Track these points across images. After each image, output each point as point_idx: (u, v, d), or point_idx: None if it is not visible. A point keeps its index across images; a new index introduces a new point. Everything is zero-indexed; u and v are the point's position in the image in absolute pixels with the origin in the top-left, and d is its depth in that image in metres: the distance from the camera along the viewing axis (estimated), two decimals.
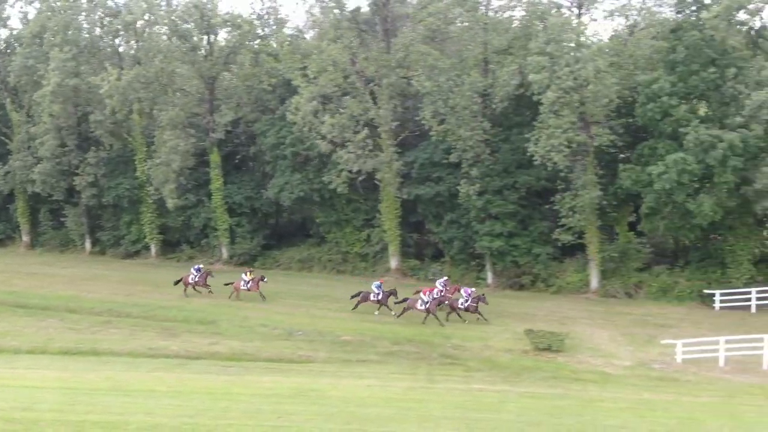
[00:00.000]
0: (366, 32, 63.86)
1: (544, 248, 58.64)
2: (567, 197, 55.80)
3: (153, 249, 74.81)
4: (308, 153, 64.76)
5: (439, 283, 52.12)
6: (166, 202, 69.56)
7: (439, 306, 50.31)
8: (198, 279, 57.31)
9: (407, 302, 50.72)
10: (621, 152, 57.19)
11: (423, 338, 46.94)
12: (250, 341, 46.83)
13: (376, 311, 52.18)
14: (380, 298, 51.97)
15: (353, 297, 53.09)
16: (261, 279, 56.15)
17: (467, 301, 49.89)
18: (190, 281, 57.52)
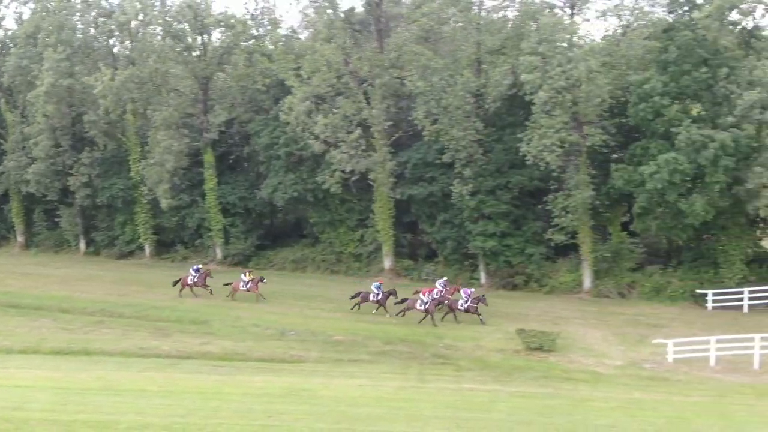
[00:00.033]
0: (360, 32, 63.92)
1: (537, 248, 58.60)
2: (560, 197, 55.81)
3: (147, 249, 74.86)
4: (302, 153, 64.70)
5: (439, 284, 52.17)
6: (160, 203, 69.58)
7: (439, 306, 50.39)
8: (197, 280, 57.19)
9: (407, 303, 50.72)
10: (614, 152, 57.04)
11: (415, 338, 46.96)
12: (242, 341, 46.83)
13: (374, 310, 52.19)
14: (380, 299, 51.99)
15: (353, 297, 53.07)
16: (260, 280, 56.07)
17: (467, 302, 49.74)
18: (189, 282, 57.42)
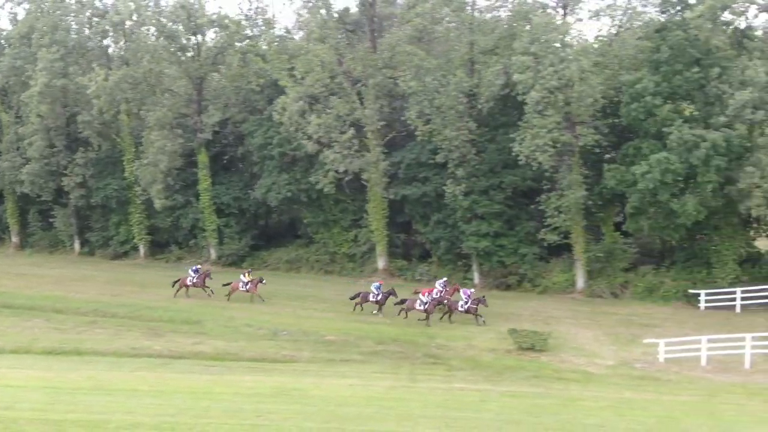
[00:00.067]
0: (354, 32, 63.95)
1: (531, 248, 58.63)
2: (552, 197, 55.82)
3: (142, 250, 74.84)
4: (295, 153, 64.69)
5: (439, 284, 52.07)
6: (154, 203, 69.68)
7: (439, 306, 50.34)
8: (196, 280, 56.97)
9: (406, 303, 50.59)
10: (607, 152, 57.04)
11: (407, 338, 46.91)
12: (235, 341, 46.74)
13: (374, 311, 52.17)
14: (379, 299, 51.92)
15: (352, 298, 52.91)
16: (260, 281, 55.94)
17: (467, 303, 49.53)
18: (188, 283, 57.19)
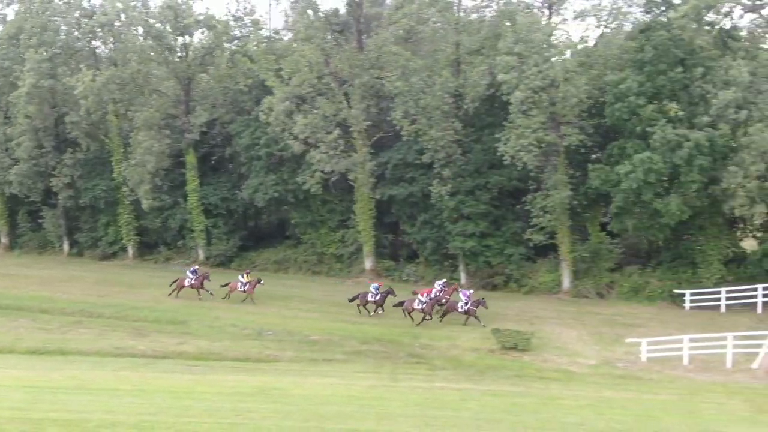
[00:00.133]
0: (341, 33, 63.92)
1: (517, 248, 58.60)
2: (538, 197, 55.87)
3: (130, 250, 74.66)
4: (282, 154, 64.68)
5: (438, 284, 52.14)
6: (142, 204, 69.57)
7: (439, 306, 50.31)
8: (194, 282, 56.84)
9: (405, 305, 50.46)
10: (593, 152, 57.15)
11: (391, 337, 46.94)
12: (219, 341, 46.75)
13: (373, 312, 52.17)
14: (377, 299, 51.85)
15: (351, 300, 52.76)
16: (258, 281, 55.90)
17: (467, 304, 49.37)
18: (186, 284, 57.02)
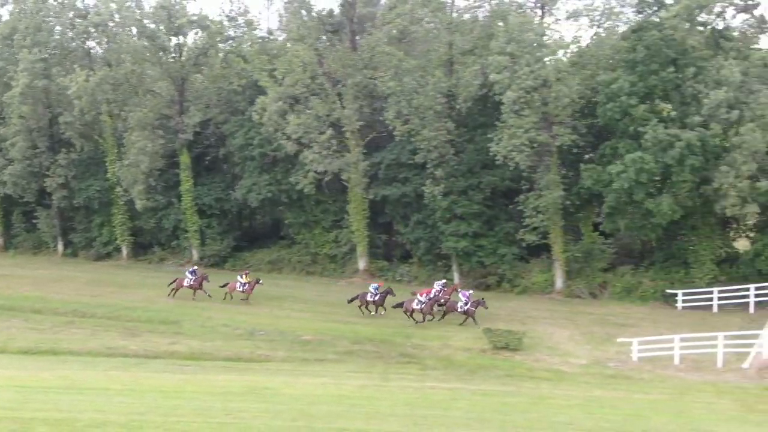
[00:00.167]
0: (335, 33, 63.93)
1: (510, 249, 58.58)
2: (531, 197, 55.86)
3: (124, 251, 74.69)
4: (276, 154, 64.71)
5: (437, 285, 52.13)
6: (135, 204, 69.54)
7: (439, 306, 50.29)
8: (193, 282, 56.80)
9: (404, 306, 50.39)
10: (585, 152, 57.18)
11: (383, 337, 46.94)
12: (211, 341, 46.75)
13: (374, 311, 52.18)
14: (377, 299, 51.84)
15: (350, 301, 52.66)
16: (257, 282, 55.92)
17: (467, 305, 49.35)
18: (185, 284, 56.95)
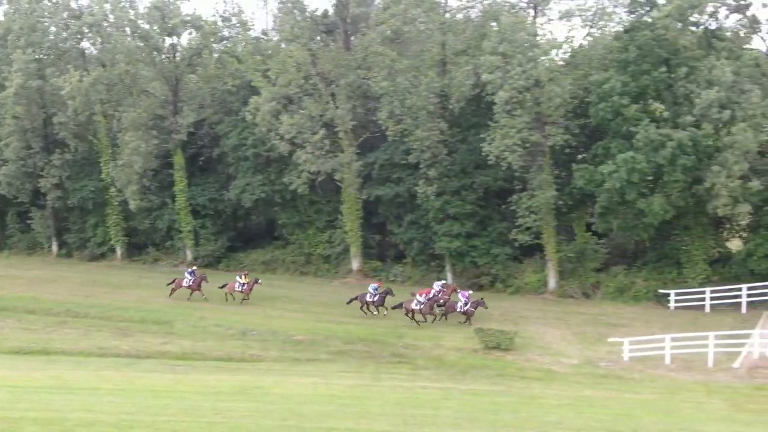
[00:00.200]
0: (329, 33, 63.96)
1: (503, 249, 58.52)
2: (524, 197, 55.81)
3: (119, 251, 74.63)
4: (270, 154, 64.69)
5: (437, 285, 52.15)
6: (129, 204, 69.50)
7: (439, 307, 50.28)
8: (192, 283, 56.85)
9: (403, 306, 50.32)
10: (578, 152, 57.18)
11: (375, 337, 46.99)
12: (203, 341, 46.81)
13: (375, 311, 52.15)
14: (376, 299, 51.82)
15: (349, 302, 52.55)
16: (255, 282, 55.99)
17: (466, 305, 49.33)
18: (184, 285, 56.97)
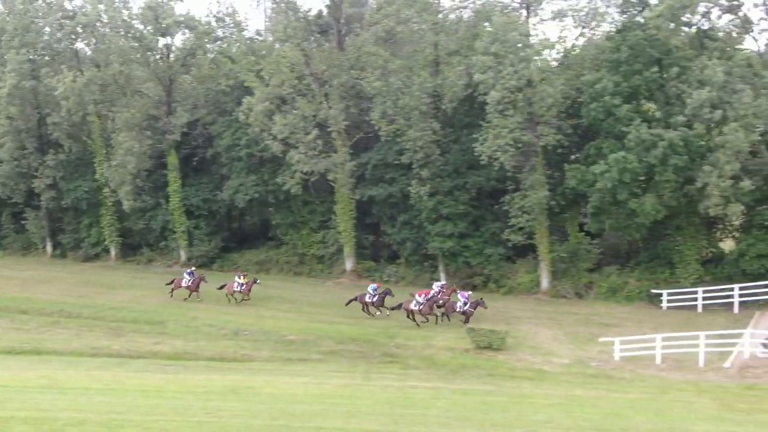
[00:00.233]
0: (323, 33, 63.99)
1: (496, 249, 58.53)
2: (516, 197, 55.84)
3: (113, 252, 74.61)
4: (263, 154, 64.71)
5: (436, 286, 52.14)
6: (123, 204, 69.47)
7: (439, 307, 50.26)
8: (190, 284, 56.92)
9: (403, 307, 50.27)
10: (572, 153, 57.28)
11: (367, 337, 46.98)
12: (195, 341, 46.81)
13: (378, 312, 52.14)
14: (375, 300, 51.83)
15: (348, 303, 52.47)
16: (254, 282, 56.10)
17: (466, 305, 49.34)
18: (183, 285, 57.06)
